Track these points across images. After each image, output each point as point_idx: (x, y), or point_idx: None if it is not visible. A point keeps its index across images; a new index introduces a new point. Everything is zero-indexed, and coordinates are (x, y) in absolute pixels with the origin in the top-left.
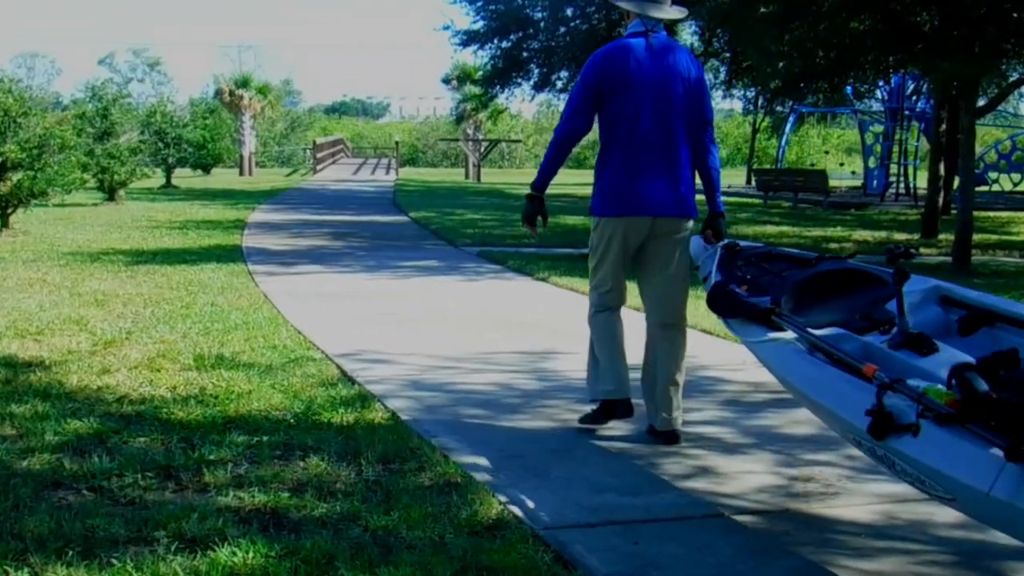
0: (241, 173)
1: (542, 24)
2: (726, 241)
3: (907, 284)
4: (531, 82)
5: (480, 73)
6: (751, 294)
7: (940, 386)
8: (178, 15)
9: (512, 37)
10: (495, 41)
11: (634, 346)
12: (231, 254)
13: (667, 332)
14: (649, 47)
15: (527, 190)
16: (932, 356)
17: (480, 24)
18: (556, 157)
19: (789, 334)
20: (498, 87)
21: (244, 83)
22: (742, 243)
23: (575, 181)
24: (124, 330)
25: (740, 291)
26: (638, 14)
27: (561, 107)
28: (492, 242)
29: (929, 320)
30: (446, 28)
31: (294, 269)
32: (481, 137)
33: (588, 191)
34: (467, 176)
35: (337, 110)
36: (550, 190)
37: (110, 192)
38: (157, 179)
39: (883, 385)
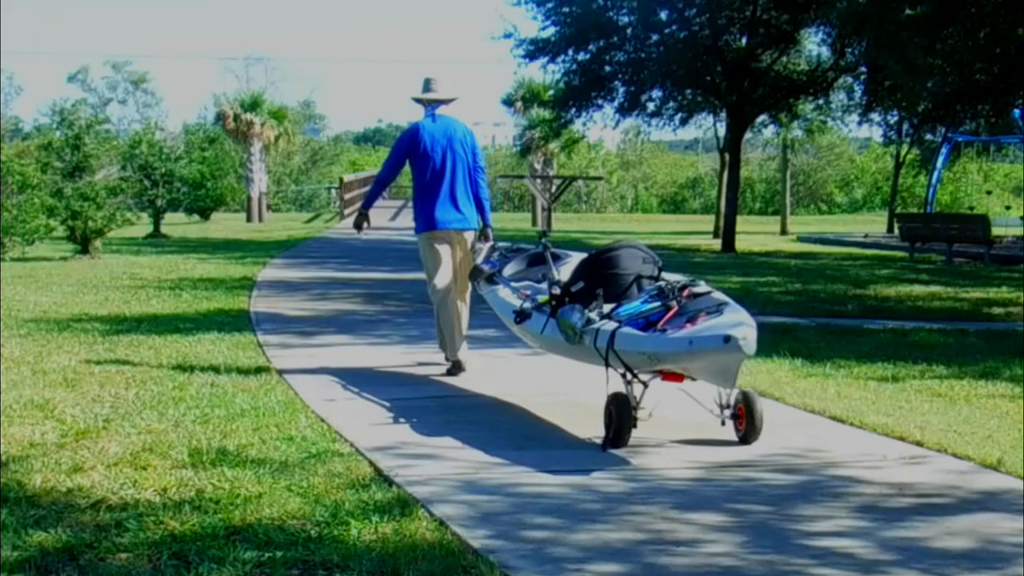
0: (249, 219)
1: (629, 31)
2: (491, 242)
3: (571, 256)
4: (615, 103)
5: (551, 93)
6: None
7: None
8: (170, 19)
9: (591, 47)
10: (570, 52)
11: None
12: (236, 321)
13: (457, 294)
14: (435, 123)
15: (609, 241)
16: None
17: (551, 31)
18: (377, 193)
19: (501, 286)
20: (574, 110)
21: (253, 105)
22: (500, 243)
23: (673, 229)
24: (101, 417)
25: (485, 267)
26: (426, 102)
27: (653, 135)
28: None
29: None
30: (508, 36)
31: (316, 340)
32: (552, 173)
33: (688, 241)
34: (534, 223)
35: (370, 139)
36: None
37: (83, 243)
38: (143, 226)
39: (524, 298)
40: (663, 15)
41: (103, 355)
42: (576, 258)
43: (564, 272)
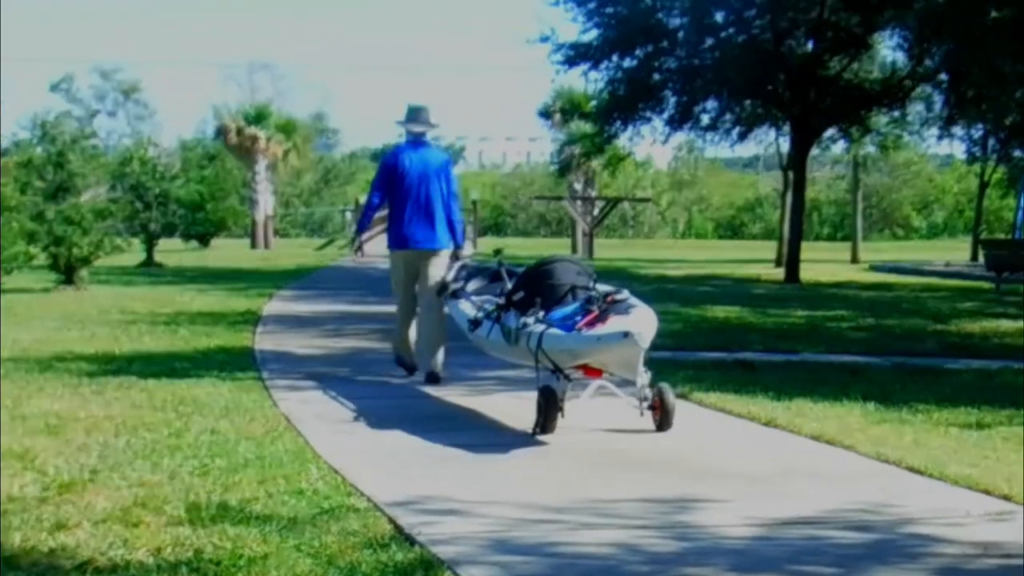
0: (254, 245)
1: (681, 35)
2: (460, 261)
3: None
4: (665, 115)
5: (593, 103)
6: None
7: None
8: (165, 21)
9: (639, 53)
10: (614, 58)
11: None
12: (239, 360)
13: (428, 309)
14: (415, 149)
15: (661, 270)
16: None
17: (594, 34)
18: (369, 217)
19: (462, 300)
20: (619, 123)
21: (258, 118)
22: (470, 262)
23: (730, 257)
24: (87, 468)
25: (454, 284)
26: (407, 130)
27: (708, 151)
28: None
29: None
30: (545, 40)
31: (328, 382)
32: (595, 194)
33: (747, 270)
34: (574, 249)
35: None
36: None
37: (68, 272)
38: (134, 254)
39: (478, 309)
40: (719, 17)
41: (89, 398)
42: None
43: None
